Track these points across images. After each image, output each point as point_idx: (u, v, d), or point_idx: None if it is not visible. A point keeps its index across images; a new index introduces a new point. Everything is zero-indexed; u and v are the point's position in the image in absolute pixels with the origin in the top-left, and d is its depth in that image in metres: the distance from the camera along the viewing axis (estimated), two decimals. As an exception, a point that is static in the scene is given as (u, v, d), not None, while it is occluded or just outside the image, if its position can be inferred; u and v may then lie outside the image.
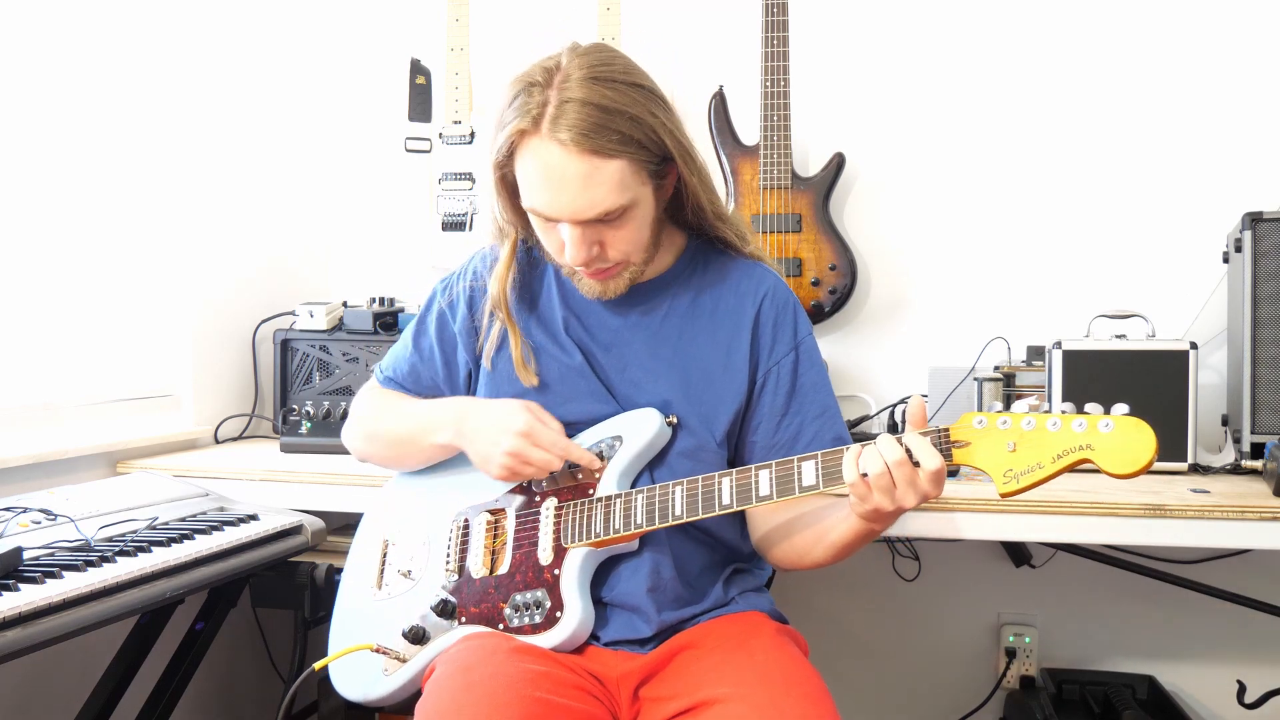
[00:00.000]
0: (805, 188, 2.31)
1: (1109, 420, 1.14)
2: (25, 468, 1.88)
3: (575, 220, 1.33)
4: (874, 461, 1.21)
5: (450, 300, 1.57)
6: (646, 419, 1.43)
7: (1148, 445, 1.12)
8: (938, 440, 1.22)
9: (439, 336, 1.58)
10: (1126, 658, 2.32)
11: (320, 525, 1.83)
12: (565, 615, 1.37)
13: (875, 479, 1.21)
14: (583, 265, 1.37)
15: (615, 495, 1.39)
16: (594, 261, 1.38)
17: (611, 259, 1.38)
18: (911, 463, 1.20)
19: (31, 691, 1.94)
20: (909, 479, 1.21)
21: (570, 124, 1.28)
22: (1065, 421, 1.16)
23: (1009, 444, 1.18)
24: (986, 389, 2.04)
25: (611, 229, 1.36)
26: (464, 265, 1.59)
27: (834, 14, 2.43)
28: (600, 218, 1.33)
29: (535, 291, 1.52)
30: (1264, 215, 1.89)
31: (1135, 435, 1.13)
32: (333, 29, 2.71)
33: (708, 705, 1.26)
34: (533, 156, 1.32)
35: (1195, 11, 2.25)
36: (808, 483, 1.28)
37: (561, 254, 1.38)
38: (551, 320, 1.50)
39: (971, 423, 1.21)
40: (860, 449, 1.24)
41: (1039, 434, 1.17)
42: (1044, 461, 1.16)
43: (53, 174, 2.09)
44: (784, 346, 1.47)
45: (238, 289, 2.46)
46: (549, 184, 1.31)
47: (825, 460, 1.27)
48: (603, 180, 1.30)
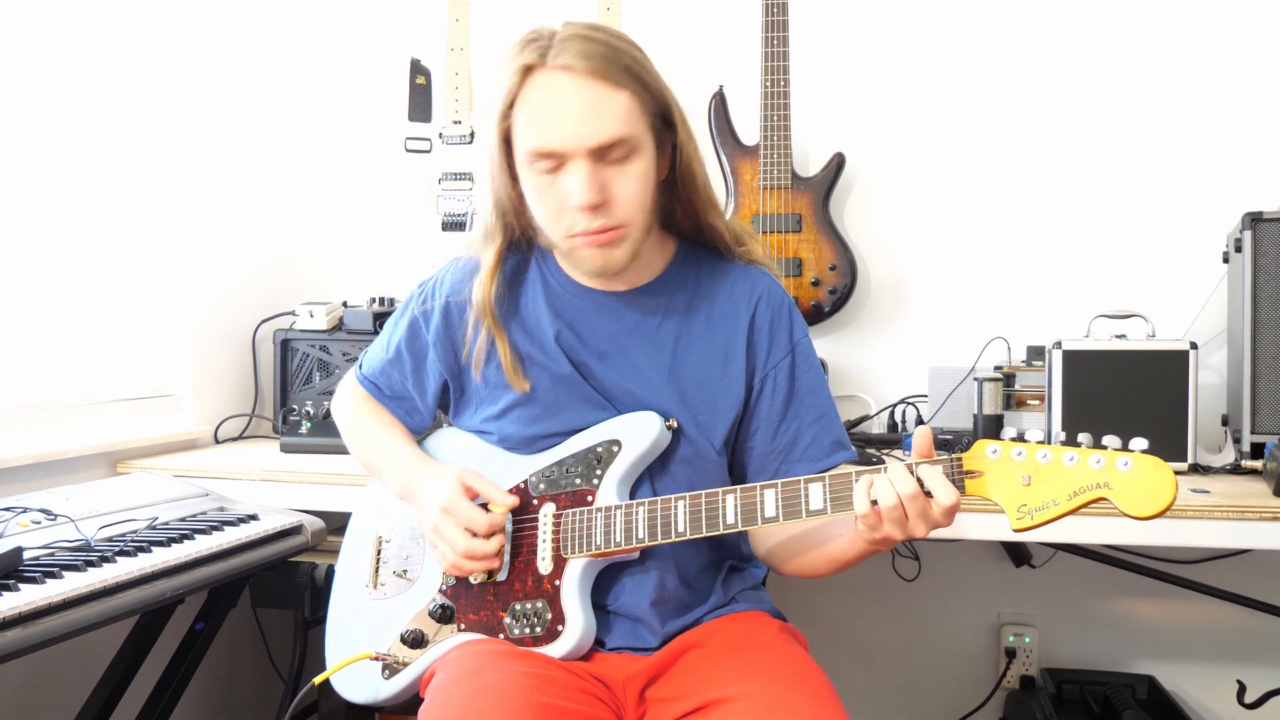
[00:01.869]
0: (805, 188, 2.31)
1: (1127, 459, 1.10)
2: (25, 468, 1.88)
3: (583, 147, 1.27)
4: (886, 493, 1.18)
5: (425, 310, 1.53)
6: (646, 422, 1.39)
7: (1167, 487, 1.09)
8: (950, 470, 1.19)
9: (409, 343, 1.55)
10: (1126, 658, 2.32)
11: (320, 525, 1.82)
12: (567, 628, 1.35)
13: (887, 511, 1.18)
14: (589, 210, 1.29)
15: (616, 506, 1.35)
16: (599, 212, 1.30)
17: (615, 216, 1.31)
18: (924, 494, 1.18)
19: (31, 691, 1.94)
20: (921, 511, 1.18)
21: (576, 52, 1.27)
22: (1082, 456, 1.12)
23: (1024, 477, 1.15)
24: (986, 389, 2.04)
25: (617, 171, 1.30)
26: (440, 274, 1.54)
27: (834, 14, 2.43)
28: (609, 145, 1.28)
29: (522, 302, 1.46)
30: (1264, 215, 1.89)
31: (1154, 476, 1.09)
32: (333, 29, 2.71)
33: (717, 705, 1.25)
34: (538, 90, 1.29)
35: (1195, 11, 2.26)
36: (815, 507, 1.24)
37: (562, 214, 1.32)
38: (541, 331, 1.44)
39: (985, 452, 1.18)
40: (870, 479, 1.20)
41: (1054, 468, 1.14)
42: (1059, 499, 1.13)
43: (53, 174, 2.09)
44: (780, 350, 1.44)
45: (238, 289, 2.46)
46: (556, 112, 1.27)
47: (834, 484, 1.24)
48: (610, 108, 1.28)
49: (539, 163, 1.31)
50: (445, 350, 1.50)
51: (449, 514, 1.38)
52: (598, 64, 1.27)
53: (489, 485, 1.40)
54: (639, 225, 1.35)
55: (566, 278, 1.45)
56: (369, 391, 1.61)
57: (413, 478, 1.47)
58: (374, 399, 1.61)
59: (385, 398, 1.60)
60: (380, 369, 1.60)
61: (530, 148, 1.30)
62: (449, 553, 1.38)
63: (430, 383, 1.55)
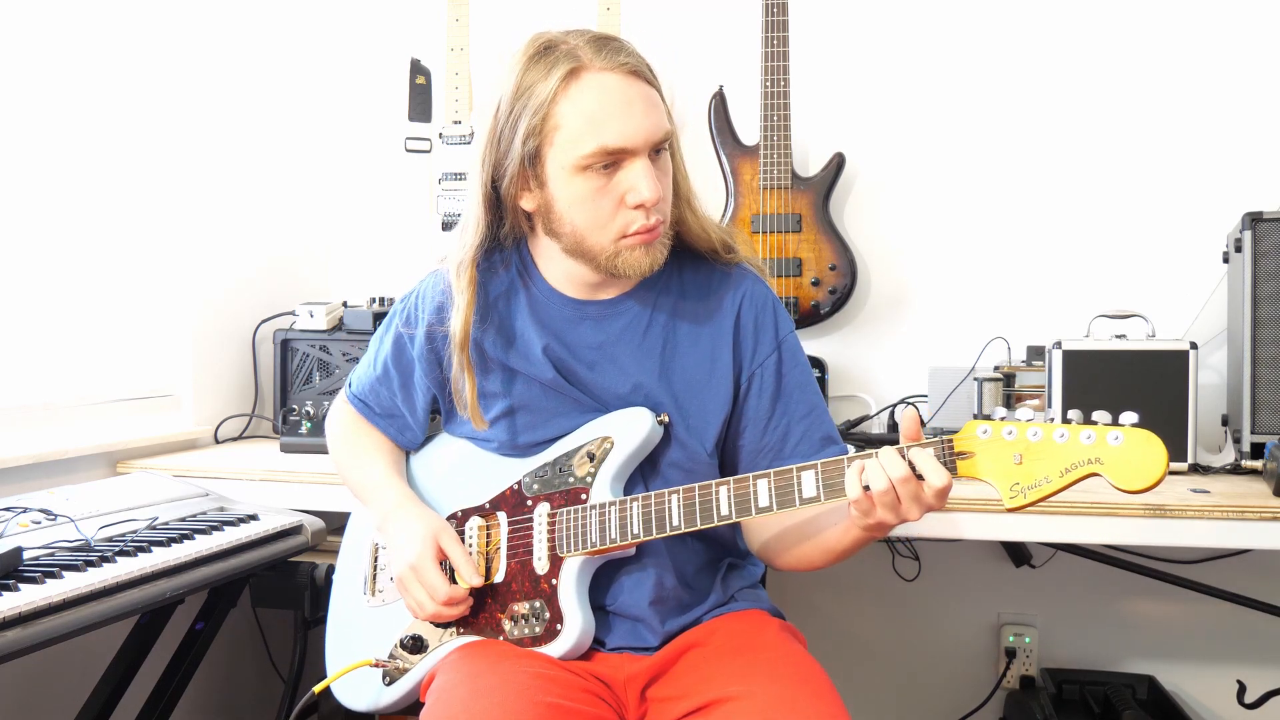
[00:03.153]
0: (805, 188, 2.31)
1: (1118, 432, 1.10)
2: (25, 468, 1.88)
3: (650, 143, 1.30)
4: (878, 477, 1.18)
5: (410, 329, 1.52)
6: (637, 418, 1.39)
7: (1159, 459, 1.08)
8: (941, 452, 1.18)
9: (396, 360, 1.55)
10: (1126, 658, 2.32)
11: (320, 525, 1.82)
12: (565, 627, 1.35)
13: (879, 495, 1.18)
14: (652, 206, 1.31)
15: (610, 503, 1.35)
16: (655, 209, 1.32)
17: (663, 211, 1.35)
18: (916, 477, 1.18)
19: (31, 691, 1.94)
20: (914, 494, 1.18)
21: (617, 50, 1.30)
22: (1073, 433, 1.12)
23: (1015, 456, 1.14)
24: (986, 389, 2.04)
25: (662, 169, 1.34)
26: (422, 288, 1.53)
27: (834, 14, 2.43)
28: (663, 140, 1.32)
29: (507, 318, 1.45)
30: (1264, 215, 1.89)
31: (1146, 449, 1.08)
32: (333, 29, 2.71)
33: (719, 704, 1.25)
34: (590, 91, 1.28)
35: (1195, 11, 2.25)
36: (808, 494, 1.25)
37: (617, 214, 1.32)
38: (528, 344, 1.43)
39: (975, 432, 1.17)
40: (862, 464, 1.20)
41: (1046, 445, 1.13)
42: (1051, 475, 1.13)
43: (53, 174, 2.09)
44: (766, 348, 1.44)
45: (238, 289, 2.46)
46: (622, 109, 1.28)
47: (825, 471, 1.24)
48: (657, 103, 1.32)
49: (598, 164, 1.29)
50: (431, 367, 1.51)
51: (415, 574, 1.39)
52: (638, 63, 1.31)
53: (460, 554, 1.40)
54: (669, 220, 1.38)
55: (551, 289, 1.45)
56: (359, 411, 1.61)
57: (390, 518, 1.47)
58: (365, 419, 1.61)
59: (376, 416, 1.60)
60: (369, 386, 1.60)
61: (593, 148, 1.28)
62: (415, 608, 1.40)
63: (419, 398, 1.55)
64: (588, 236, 1.34)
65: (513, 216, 1.41)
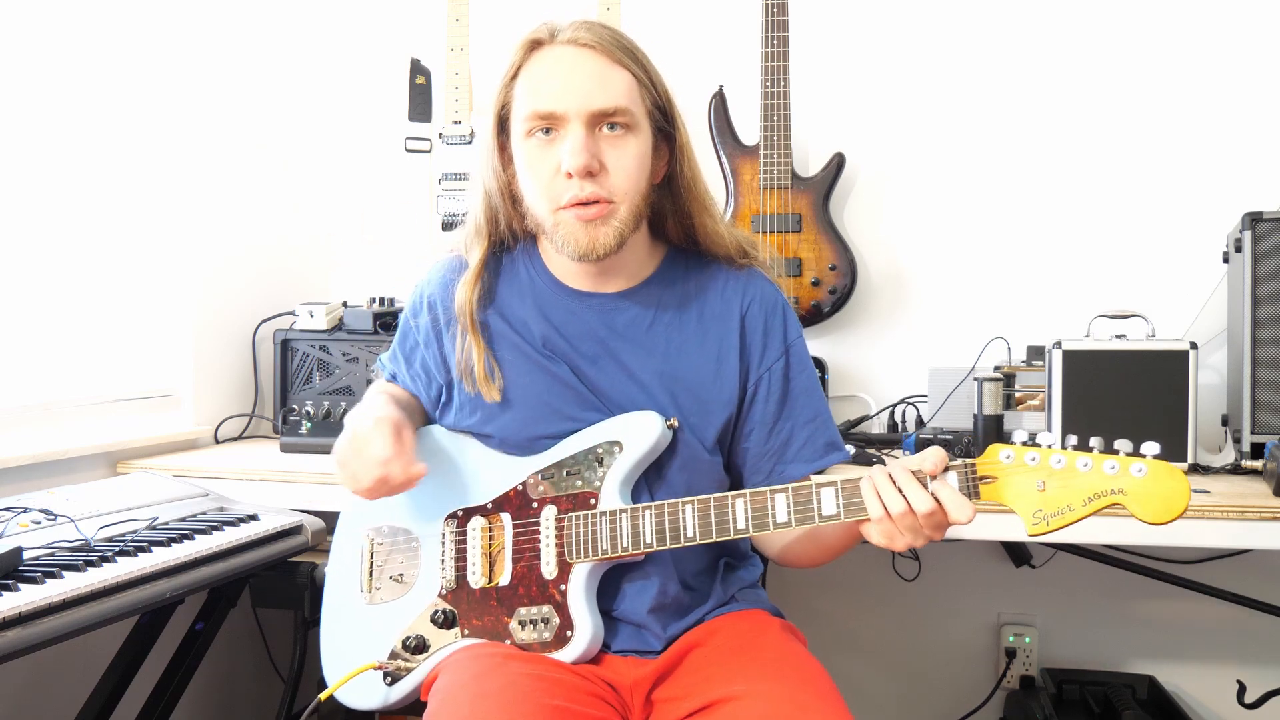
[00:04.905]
0: (805, 188, 2.31)
1: (1141, 464, 1.12)
2: (25, 468, 1.88)
3: (583, 111, 1.29)
4: (898, 506, 1.18)
5: (415, 315, 1.52)
6: (646, 422, 1.37)
7: (1182, 493, 1.10)
8: (964, 477, 1.19)
9: (405, 344, 1.55)
10: (1126, 658, 2.32)
11: (320, 525, 1.82)
12: (576, 634, 1.34)
13: (899, 518, 1.18)
14: (581, 174, 1.29)
15: (621, 510, 1.34)
16: (590, 181, 1.30)
17: (606, 186, 1.31)
18: (941, 510, 1.18)
19: (31, 691, 1.94)
20: (938, 524, 1.19)
21: (584, 28, 1.32)
22: (1096, 462, 1.13)
23: (1038, 483, 1.16)
24: (986, 389, 2.04)
25: (612, 144, 1.31)
26: (430, 273, 1.53)
27: (834, 14, 2.43)
28: (607, 112, 1.30)
29: (510, 302, 1.45)
30: (1264, 215, 1.89)
31: (1169, 482, 1.11)
32: (333, 29, 2.70)
33: (723, 703, 1.25)
34: (543, 60, 1.33)
35: (1195, 11, 2.26)
36: (828, 512, 1.24)
37: (553, 182, 1.31)
38: (528, 332, 1.43)
39: (999, 457, 1.18)
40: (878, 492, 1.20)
41: (1069, 474, 1.14)
42: (1075, 504, 1.14)
43: (53, 174, 2.09)
44: (774, 352, 1.44)
45: (238, 289, 2.46)
46: (559, 76, 1.31)
47: (846, 489, 1.24)
48: (612, 79, 1.32)
49: (535, 126, 1.32)
50: (435, 352, 1.50)
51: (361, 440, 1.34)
52: (604, 42, 1.32)
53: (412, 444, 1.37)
54: (628, 206, 1.34)
55: (554, 279, 1.44)
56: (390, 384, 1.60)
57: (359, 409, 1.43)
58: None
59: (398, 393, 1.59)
60: (391, 367, 1.60)
61: (529, 111, 1.32)
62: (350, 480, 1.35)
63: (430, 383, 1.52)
64: (534, 207, 1.37)
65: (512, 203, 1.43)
